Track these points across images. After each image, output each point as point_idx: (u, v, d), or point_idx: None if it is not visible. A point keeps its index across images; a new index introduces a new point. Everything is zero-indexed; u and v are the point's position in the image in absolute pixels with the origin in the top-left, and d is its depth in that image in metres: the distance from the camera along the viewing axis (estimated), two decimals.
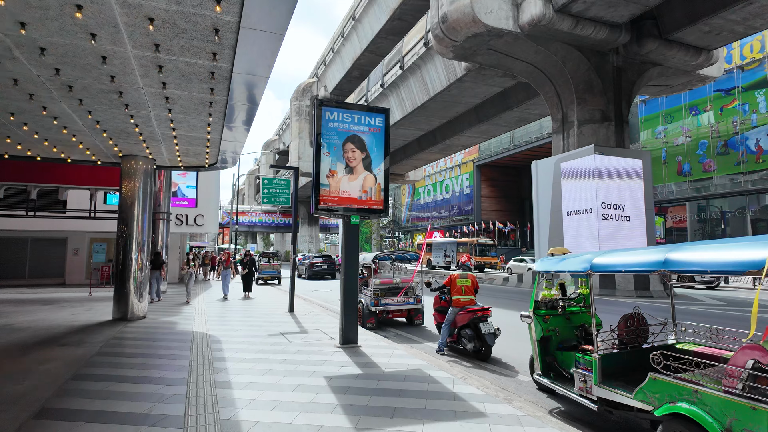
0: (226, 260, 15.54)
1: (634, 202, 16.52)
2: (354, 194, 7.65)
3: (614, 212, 16.07)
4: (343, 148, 7.64)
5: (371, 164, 7.81)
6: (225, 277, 15.29)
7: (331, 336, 8.31)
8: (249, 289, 15.40)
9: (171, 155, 10.62)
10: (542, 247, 18.37)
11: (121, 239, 10.44)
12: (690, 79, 19.58)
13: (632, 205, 16.48)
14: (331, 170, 7.54)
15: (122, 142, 9.38)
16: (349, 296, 7.48)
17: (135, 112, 7.41)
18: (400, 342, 8.28)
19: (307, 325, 9.62)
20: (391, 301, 9.74)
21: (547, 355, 5.04)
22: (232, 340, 7.86)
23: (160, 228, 17.52)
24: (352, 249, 7.60)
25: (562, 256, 5.03)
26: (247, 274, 15.56)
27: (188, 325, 9.43)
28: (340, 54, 36.61)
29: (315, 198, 7.37)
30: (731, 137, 28.55)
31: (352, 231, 7.65)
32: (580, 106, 17.12)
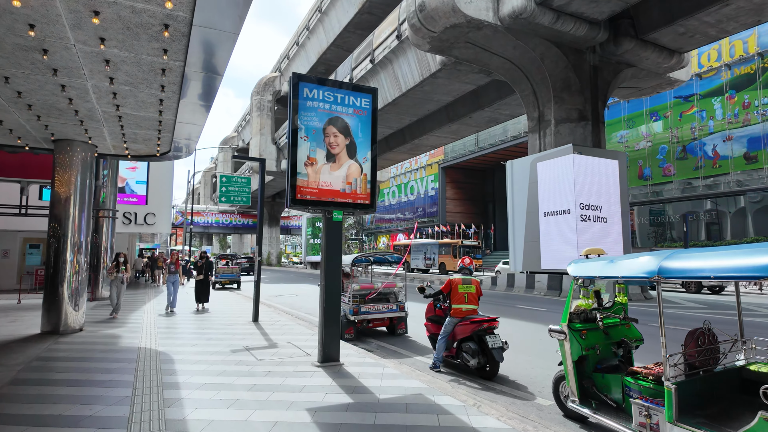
0: (174, 262, 12.20)
1: (611, 203, 16.25)
2: (336, 186, 6.56)
3: (592, 213, 15.71)
4: (324, 131, 6.53)
5: (356, 151, 6.75)
6: (173, 284, 12.04)
7: (306, 351, 7.16)
8: (204, 299, 12.40)
9: (116, 141, 9.13)
10: (517, 249, 17.85)
11: (53, 240, 8.86)
12: (660, 82, 19.70)
13: (609, 206, 16.20)
14: (310, 157, 6.42)
15: (54, 123, 7.86)
16: (330, 305, 6.37)
17: (67, 80, 6.01)
18: (385, 356, 7.24)
19: (276, 337, 8.41)
20: (372, 308, 8.69)
21: (584, 379, 4.15)
22: (187, 359, 6.56)
23: (104, 227, 15.72)
24: (334, 249, 6.50)
25: (606, 258, 4.15)
26: (203, 282, 12.42)
27: (134, 340, 8.00)
28: (305, 48, 35.21)
29: (290, 190, 6.23)
30: (690, 143, 29.39)
31: (334, 229, 6.54)
32: (558, 105, 16.72)
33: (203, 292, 12.43)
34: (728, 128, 27.35)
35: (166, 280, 12.29)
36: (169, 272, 12.11)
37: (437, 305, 7.29)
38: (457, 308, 6.43)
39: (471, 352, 6.14)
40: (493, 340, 6.01)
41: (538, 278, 16.64)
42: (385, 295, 9.32)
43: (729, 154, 27.23)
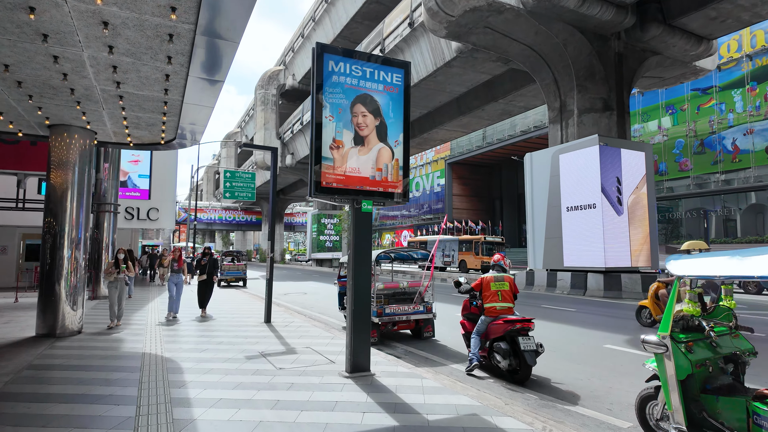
0: (177, 259, 10.23)
1: (638, 197, 15.43)
2: (365, 172, 5.79)
3: (618, 208, 14.90)
4: (351, 110, 5.76)
5: (387, 134, 5.98)
6: (175, 286, 10.01)
7: (329, 358, 6.41)
8: (205, 304, 10.58)
9: (117, 126, 8.37)
10: (537, 245, 17.06)
11: (49, 235, 8.13)
12: (684, 72, 18.84)
13: (635, 200, 15.38)
14: (336, 140, 5.65)
15: (48, 104, 7.10)
16: (360, 307, 5.61)
17: (60, 50, 5.24)
18: (417, 364, 6.48)
19: (293, 341, 7.66)
20: (397, 309, 7.92)
21: (690, 402, 3.37)
22: (197, 368, 5.81)
23: (105, 222, 15.00)
24: (364, 244, 5.73)
25: (728, 254, 3.35)
26: (206, 282, 10.59)
27: (137, 344, 7.25)
28: (310, 40, 34.38)
29: (314, 176, 5.46)
30: (708, 136, 28.51)
31: (363, 221, 5.77)
32: (581, 94, 15.89)
33: (205, 295, 10.60)
34: (749, 121, 26.45)
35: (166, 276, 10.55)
36: (172, 271, 10.11)
37: (473, 302, 6.63)
38: (490, 307, 6.06)
39: (502, 352, 5.73)
40: (526, 342, 5.61)
41: (560, 276, 15.87)
42: (409, 295, 8.56)
43: (750, 148, 26.35)
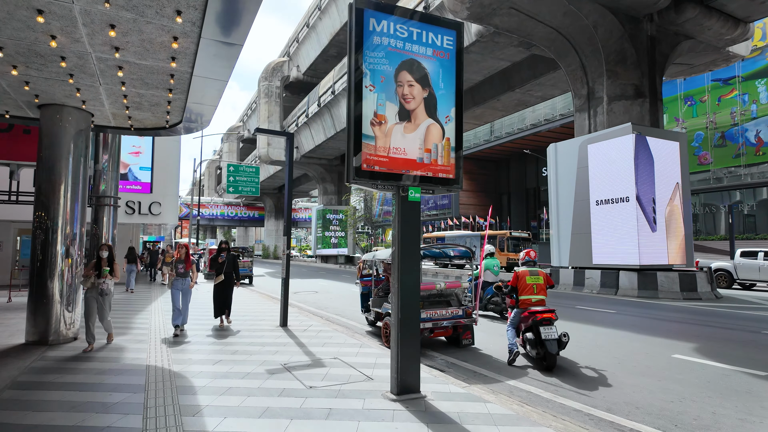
0: (184, 258, 8.00)
1: (673, 190, 14.47)
2: (412, 153, 4.84)
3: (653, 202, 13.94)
4: (395, 79, 4.81)
5: (436, 107, 5.02)
6: (181, 292, 7.85)
7: (365, 373, 5.48)
8: (225, 311, 8.68)
9: (116, 107, 7.42)
10: (562, 242, 16.10)
11: (40, 230, 7.21)
12: (716, 58, 17.84)
13: (668, 193, 14.42)
14: (378, 114, 4.70)
15: (37, 78, 6.15)
16: (409, 315, 4.67)
17: (45, 0, 4.29)
18: (466, 379, 5.56)
19: (317, 349, 6.73)
20: (434, 314, 6.98)
21: None
22: (212, 387, 4.87)
23: (104, 217, 14.05)
24: (412, 239, 4.78)
25: None
26: (225, 285, 8.72)
27: (140, 353, 6.33)
28: (315, 29, 33.34)
29: (353, 158, 4.51)
30: (729, 129, 27.48)
31: (410, 212, 4.83)
32: (611, 80, 14.90)
33: (225, 299, 8.69)
34: None
35: (170, 280, 7.92)
36: (177, 274, 7.90)
37: (513, 296, 6.54)
38: (525, 299, 6.34)
39: (530, 342, 6.11)
40: (547, 332, 5.94)
41: (588, 274, 14.92)
42: (446, 298, 7.62)
43: None
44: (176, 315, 7.84)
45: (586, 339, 7.97)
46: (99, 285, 6.67)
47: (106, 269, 6.69)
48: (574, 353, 6.91)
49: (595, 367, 6.16)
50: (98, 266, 6.67)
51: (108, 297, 6.83)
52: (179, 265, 7.97)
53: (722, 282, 15.99)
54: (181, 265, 7.98)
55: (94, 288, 6.68)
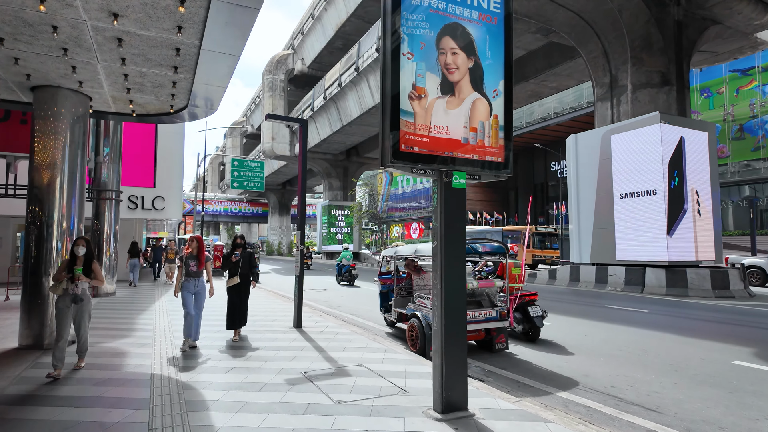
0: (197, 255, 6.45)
1: (702, 183, 13.77)
2: (456, 133, 4.18)
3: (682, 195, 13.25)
4: (437, 46, 4.15)
5: (483, 80, 4.36)
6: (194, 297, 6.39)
7: (396, 384, 4.85)
8: (240, 321, 7.06)
9: (116, 89, 6.78)
10: (583, 237, 15.42)
11: (33, 226, 6.61)
12: (742, 45, 17.05)
13: (699, 186, 13.72)
14: (417, 87, 4.04)
15: (27, 54, 5.51)
16: (455, 321, 4.03)
17: None
18: (508, 389, 4.94)
19: (338, 354, 6.10)
20: (468, 316, 6.34)
21: None
22: (227, 400, 4.25)
23: (106, 212, 13.46)
24: (456, 232, 4.13)
25: None
26: (240, 288, 7.09)
27: (143, 359, 5.71)
28: (321, 21, 32.62)
29: (390, 137, 3.86)
30: (748, 121, 26.70)
31: (455, 200, 4.17)
32: (636, 67, 14.18)
33: (241, 306, 7.08)
34: None
35: (178, 285, 6.33)
36: (187, 273, 6.32)
37: None
38: (512, 286, 7.22)
39: (517, 320, 7.49)
40: (534, 310, 7.31)
41: (611, 271, 14.24)
42: (476, 298, 6.97)
43: None
44: (187, 325, 6.28)
45: (629, 342, 7.32)
46: (72, 290, 5.13)
47: (79, 269, 5.12)
48: (622, 358, 6.27)
49: (651, 375, 5.52)
50: (71, 266, 5.18)
51: (85, 306, 5.26)
52: (190, 262, 6.33)
53: (755, 279, 15.29)
54: (193, 262, 6.36)
55: (67, 295, 5.14)
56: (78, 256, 5.23)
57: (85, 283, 5.25)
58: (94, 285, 5.37)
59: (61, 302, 5.17)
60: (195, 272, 6.39)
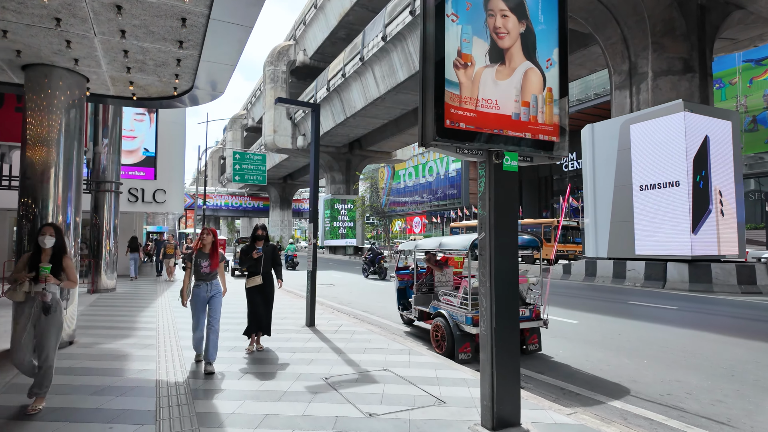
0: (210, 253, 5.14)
1: (726, 176, 13.23)
2: (507, 108, 3.64)
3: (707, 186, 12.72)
4: (485, 6, 3.60)
5: (536, 47, 3.82)
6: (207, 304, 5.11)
7: (430, 392, 4.34)
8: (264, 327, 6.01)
9: (115, 67, 6.22)
10: (600, 230, 14.90)
11: (26, 220, 6.06)
12: (764, 32, 16.45)
13: (723, 181, 13.18)
14: (463, 54, 3.49)
15: (17, 26, 4.96)
16: (507, 324, 3.51)
17: None
18: (554, 398, 4.44)
19: (358, 357, 5.59)
20: None
21: None
22: (243, 412, 3.73)
23: (105, 204, 12.91)
24: (508, 221, 3.60)
25: None
26: (263, 290, 6.00)
27: (148, 364, 5.19)
28: (323, 10, 31.93)
29: (433, 112, 3.33)
30: (761, 112, 26.11)
31: (506, 186, 3.64)
32: (657, 54, 13.60)
33: (267, 311, 6.02)
34: None
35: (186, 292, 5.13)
36: (198, 276, 5.07)
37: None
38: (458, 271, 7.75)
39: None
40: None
41: (630, 266, 13.73)
42: None
43: None
44: (197, 338, 5.11)
45: (668, 342, 6.81)
46: (38, 296, 3.77)
47: (46, 268, 3.78)
48: (668, 361, 5.76)
49: (706, 381, 5.01)
50: (34, 263, 3.82)
51: (54, 319, 3.84)
52: (201, 262, 5.02)
53: None
54: (206, 262, 5.02)
55: (29, 300, 3.78)
56: (44, 249, 3.90)
57: (55, 285, 3.88)
58: (65, 287, 4.03)
59: (21, 309, 3.80)
60: (208, 274, 5.08)
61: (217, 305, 5.15)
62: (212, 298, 5.12)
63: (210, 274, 5.10)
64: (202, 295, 5.06)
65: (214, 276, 5.15)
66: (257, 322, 5.95)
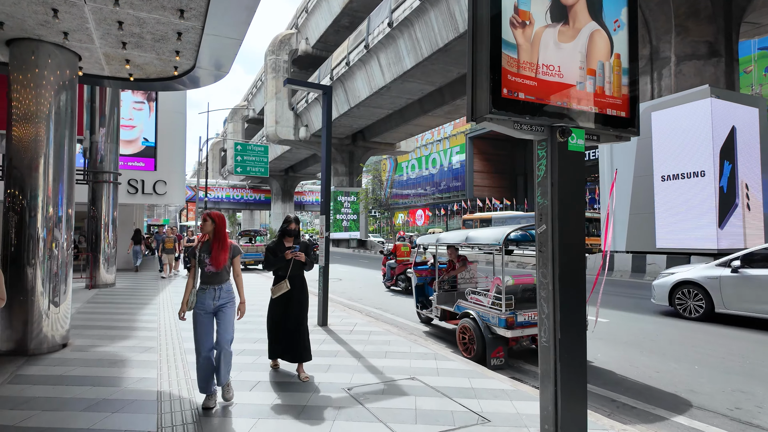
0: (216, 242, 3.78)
1: (752, 166, 12.64)
2: (571, 76, 3.06)
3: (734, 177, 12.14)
4: None
5: (602, 6, 3.23)
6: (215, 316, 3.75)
7: (469, 407, 3.81)
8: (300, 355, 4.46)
9: (109, 42, 5.64)
10: (617, 222, 14.33)
11: (12, 212, 5.53)
12: None
13: (749, 167, 12.60)
14: (521, 11, 2.91)
15: None
16: (573, 332, 2.96)
17: None
18: (606, 411, 3.90)
19: (380, 362, 5.06)
20: (534, 316, 5.29)
21: None
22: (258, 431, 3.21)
23: (104, 196, 12.34)
24: (574, 212, 3.04)
25: None
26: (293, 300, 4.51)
27: (148, 371, 4.66)
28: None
29: (488, 78, 2.76)
30: None
31: (572, 168, 3.07)
32: (680, 37, 12.96)
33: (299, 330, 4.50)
34: None
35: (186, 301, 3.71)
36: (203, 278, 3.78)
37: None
38: (402, 259, 11.63)
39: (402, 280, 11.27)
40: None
41: (650, 260, 13.19)
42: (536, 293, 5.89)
43: None
44: (205, 369, 3.67)
45: (715, 346, 6.28)
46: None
47: None
48: (722, 367, 5.22)
49: None
50: None
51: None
52: (205, 257, 3.73)
53: None
54: (208, 256, 3.72)
55: None
56: None
57: None
58: None
59: None
60: (213, 275, 3.72)
61: (228, 319, 3.74)
62: (220, 309, 3.71)
63: (216, 274, 3.71)
64: (207, 303, 3.68)
65: (223, 278, 3.77)
66: (283, 341, 4.47)
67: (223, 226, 3.81)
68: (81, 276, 12.11)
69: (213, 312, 3.73)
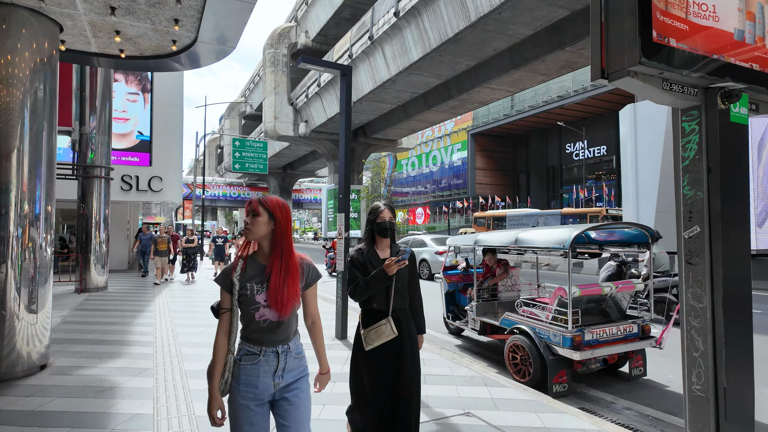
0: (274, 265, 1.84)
1: None
2: (727, 21, 2.20)
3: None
4: None
5: None
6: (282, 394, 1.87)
7: None
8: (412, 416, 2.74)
9: (94, 6, 4.73)
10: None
11: None
12: None
13: None
14: None
15: None
16: (740, 377, 2.11)
17: None
18: None
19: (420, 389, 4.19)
20: (602, 332, 4.43)
21: None
22: None
23: (94, 192, 11.39)
24: (739, 206, 2.20)
25: None
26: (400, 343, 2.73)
27: (142, 406, 3.78)
28: None
29: (635, 16, 1.89)
30: None
31: (736, 147, 2.22)
32: None
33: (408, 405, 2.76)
34: None
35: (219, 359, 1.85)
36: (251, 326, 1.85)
37: None
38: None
39: None
40: None
41: None
42: (599, 306, 5.04)
43: None
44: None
45: None
46: None
47: None
48: None
49: None
50: None
51: None
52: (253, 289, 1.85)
53: None
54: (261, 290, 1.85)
55: None
56: None
57: None
58: None
59: None
60: (273, 327, 1.87)
61: (303, 411, 1.92)
62: (288, 393, 1.90)
63: (279, 325, 1.88)
64: (261, 383, 1.85)
65: (290, 331, 1.94)
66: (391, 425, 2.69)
67: (288, 225, 1.92)
68: (70, 279, 11.20)
69: (269, 401, 1.89)
